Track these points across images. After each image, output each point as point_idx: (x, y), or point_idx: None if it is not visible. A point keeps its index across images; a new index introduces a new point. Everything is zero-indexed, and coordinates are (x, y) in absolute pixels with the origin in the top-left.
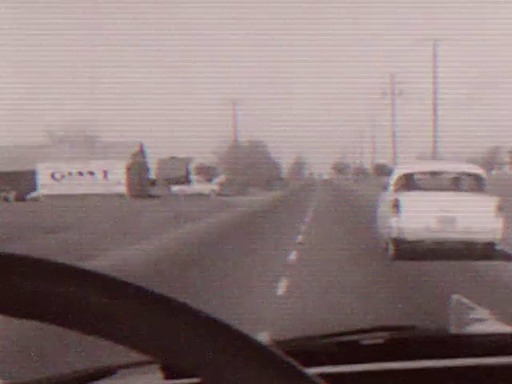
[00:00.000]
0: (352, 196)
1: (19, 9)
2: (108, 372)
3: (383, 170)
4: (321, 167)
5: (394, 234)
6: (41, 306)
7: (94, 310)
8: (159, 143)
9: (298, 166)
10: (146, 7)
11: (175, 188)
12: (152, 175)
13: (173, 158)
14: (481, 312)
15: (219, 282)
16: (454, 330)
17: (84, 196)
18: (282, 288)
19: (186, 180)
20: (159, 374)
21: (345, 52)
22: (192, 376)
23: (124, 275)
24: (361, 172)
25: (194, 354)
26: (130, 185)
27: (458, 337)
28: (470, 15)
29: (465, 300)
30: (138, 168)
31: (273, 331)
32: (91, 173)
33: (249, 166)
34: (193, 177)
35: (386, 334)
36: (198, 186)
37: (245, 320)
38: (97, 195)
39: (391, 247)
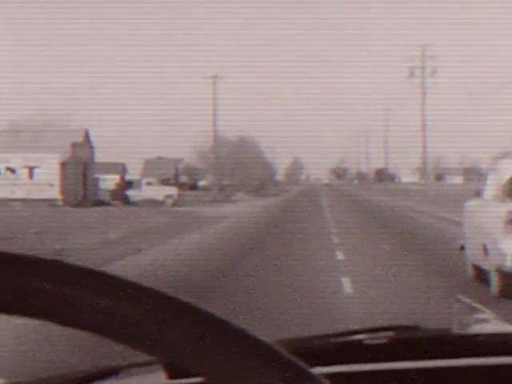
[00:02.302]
0: (388, 211)
1: None
2: (111, 372)
3: (384, 175)
4: (317, 171)
5: (508, 263)
6: (46, 306)
7: (97, 310)
8: (145, 140)
9: (295, 169)
10: None
11: (130, 193)
12: (129, 176)
13: (160, 158)
14: (484, 312)
15: None
16: (457, 330)
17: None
18: None
19: (175, 182)
20: (163, 374)
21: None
22: (196, 376)
23: None
24: (362, 177)
25: (197, 353)
26: (65, 187)
27: (461, 337)
28: None
29: (468, 300)
30: (78, 164)
31: None
32: (11, 170)
33: (236, 165)
34: (145, 179)
35: (389, 334)
36: (148, 190)
37: None
38: (18, 200)
39: (496, 280)
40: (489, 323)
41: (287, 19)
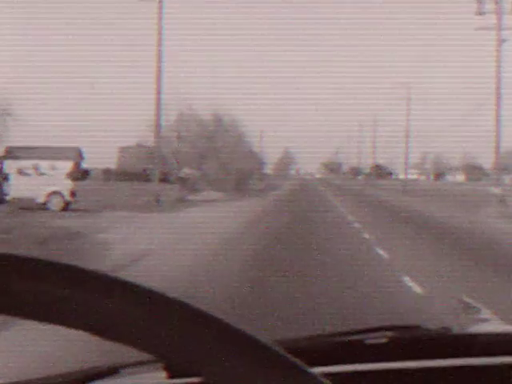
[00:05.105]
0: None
1: None
2: (111, 371)
3: (381, 172)
4: (307, 165)
5: None
6: (45, 307)
7: (97, 310)
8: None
9: (286, 161)
10: None
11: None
12: (85, 165)
13: (139, 145)
14: (485, 312)
15: None
16: (457, 329)
17: None
18: None
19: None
20: (162, 373)
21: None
22: (195, 375)
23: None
24: (358, 172)
25: (196, 353)
26: None
27: (461, 336)
28: None
29: (469, 300)
30: None
31: None
32: None
33: (208, 151)
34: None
35: (390, 334)
36: (20, 185)
37: None
38: None
39: None
40: (489, 323)
41: None
